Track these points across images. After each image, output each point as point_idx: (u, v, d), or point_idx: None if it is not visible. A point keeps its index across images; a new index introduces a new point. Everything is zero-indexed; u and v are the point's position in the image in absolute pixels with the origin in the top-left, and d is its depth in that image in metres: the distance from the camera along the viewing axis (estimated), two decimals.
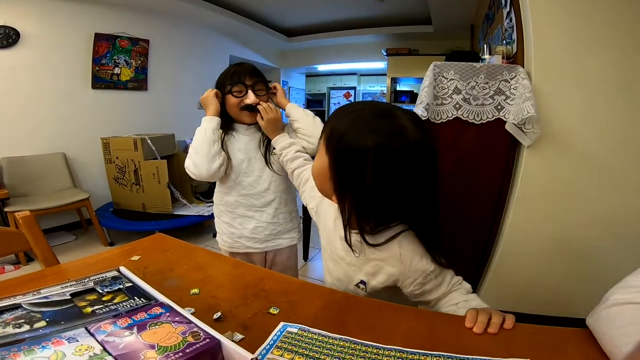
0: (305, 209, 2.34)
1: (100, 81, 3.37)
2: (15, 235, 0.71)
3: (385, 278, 0.66)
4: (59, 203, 2.64)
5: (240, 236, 1.16)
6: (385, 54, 4.83)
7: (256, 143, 1.13)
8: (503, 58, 1.67)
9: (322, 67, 6.68)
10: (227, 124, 1.12)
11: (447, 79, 1.56)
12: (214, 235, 2.79)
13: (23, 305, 0.49)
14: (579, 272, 1.59)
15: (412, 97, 4.84)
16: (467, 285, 0.69)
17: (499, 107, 1.51)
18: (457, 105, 1.53)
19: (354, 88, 7.46)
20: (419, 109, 1.47)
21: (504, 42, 1.87)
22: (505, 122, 1.50)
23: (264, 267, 1.22)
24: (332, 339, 0.52)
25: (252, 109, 1.07)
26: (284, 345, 0.51)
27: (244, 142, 1.12)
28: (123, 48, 3.49)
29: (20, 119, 2.90)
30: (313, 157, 1.05)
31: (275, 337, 0.53)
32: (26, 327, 0.45)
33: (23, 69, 2.89)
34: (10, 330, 0.44)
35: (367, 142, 0.54)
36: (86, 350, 0.40)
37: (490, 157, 1.61)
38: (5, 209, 2.48)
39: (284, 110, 1.16)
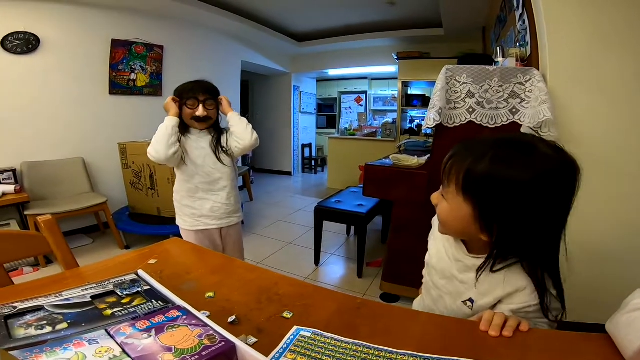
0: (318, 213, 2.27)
1: (118, 87, 3.45)
2: (37, 239, 0.73)
3: (491, 300, 0.66)
4: (77, 207, 2.70)
5: (200, 215, 1.43)
6: (396, 57, 4.82)
7: (208, 143, 1.42)
8: (517, 61, 1.65)
9: (333, 72, 6.69)
10: (186, 127, 1.40)
11: (459, 82, 1.55)
12: None
13: (45, 307, 0.51)
14: (598, 278, 1.54)
15: (424, 100, 4.80)
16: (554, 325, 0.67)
17: (514, 110, 1.49)
18: (471, 109, 1.52)
19: (365, 92, 7.46)
20: (431, 113, 1.46)
21: (518, 44, 1.85)
22: (521, 125, 1.48)
23: (220, 240, 1.50)
24: (345, 343, 0.52)
25: (199, 119, 1.37)
26: (297, 349, 0.51)
27: (199, 142, 1.41)
28: (139, 54, 3.57)
29: (40, 124, 2.98)
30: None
31: (289, 340, 0.53)
32: (48, 329, 0.46)
33: (43, 74, 2.96)
34: (32, 331, 0.45)
35: (522, 176, 0.54)
36: (106, 352, 0.41)
37: None
38: (25, 212, 2.56)
39: (227, 116, 1.45)
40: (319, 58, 6.01)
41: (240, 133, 1.41)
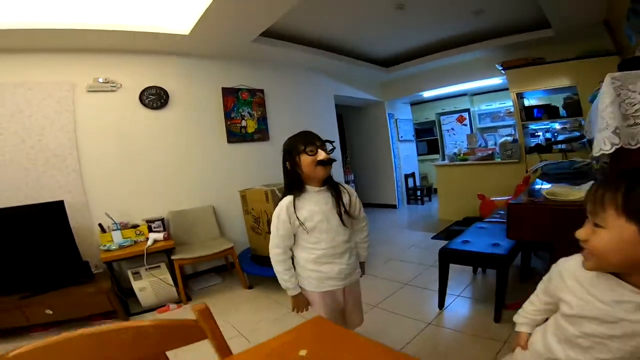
0: None
1: (234, 135, 3.77)
2: (193, 327, 0.73)
3: None
4: (211, 251, 3.01)
5: (328, 278, 1.36)
6: (500, 68, 4.30)
7: (331, 204, 1.33)
8: None
9: (427, 94, 6.34)
10: (300, 187, 1.31)
11: (636, 91, 1.19)
12: None
13: None
14: None
15: (549, 111, 4.09)
16: None
17: None
18: None
19: (467, 110, 6.85)
20: (605, 134, 1.14)
21: None
22: None
23: (342, 298, 1.42)
24: None
25: (324, 163, 1.28)
26: None
27: (319, 204, 1.32)
28: (245, 100, 3.84)
29: (178, 176, 3.42)
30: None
31: None
32: None
33: (174, 127, 3.38)
34: None
35: None
36: None
37: None
38: (172, 257, 2.93)
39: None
40: (410, 81, 5.78)
41: (364, 246, 1.52)
